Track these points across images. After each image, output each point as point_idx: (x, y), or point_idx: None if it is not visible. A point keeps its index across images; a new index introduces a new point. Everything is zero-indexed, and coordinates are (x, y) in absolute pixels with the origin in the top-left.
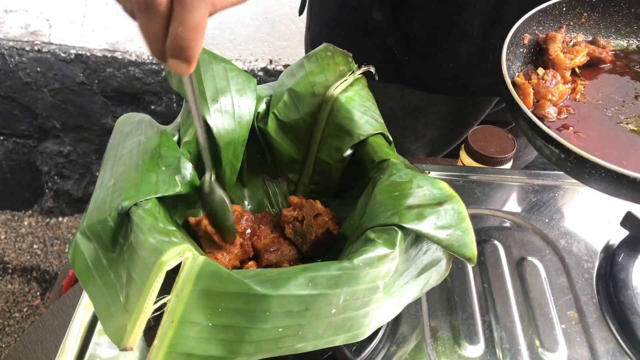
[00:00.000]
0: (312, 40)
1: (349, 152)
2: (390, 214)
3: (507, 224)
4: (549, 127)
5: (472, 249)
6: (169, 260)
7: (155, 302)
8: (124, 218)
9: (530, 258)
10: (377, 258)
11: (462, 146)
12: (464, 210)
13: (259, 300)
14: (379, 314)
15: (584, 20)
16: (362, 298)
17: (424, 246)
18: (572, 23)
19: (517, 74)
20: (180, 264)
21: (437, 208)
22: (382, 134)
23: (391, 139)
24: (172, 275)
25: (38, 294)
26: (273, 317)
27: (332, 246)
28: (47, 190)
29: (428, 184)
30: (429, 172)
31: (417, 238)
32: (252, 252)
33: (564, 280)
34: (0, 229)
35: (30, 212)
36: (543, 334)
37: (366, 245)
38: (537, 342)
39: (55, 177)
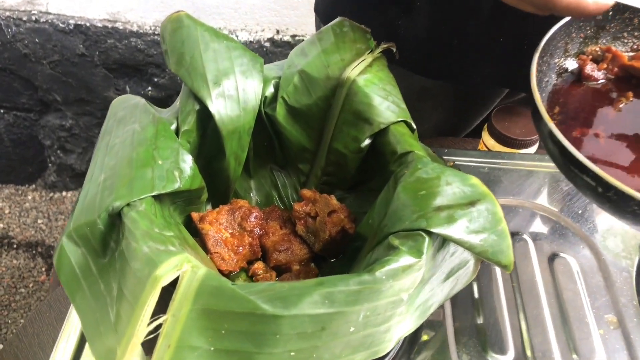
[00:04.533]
0: (322, 11)
1: (367, 142)
2: (416, 217)
3: (537, 216)
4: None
5: (509, 255)
6: (165, 275)
7: (150, 323)
8: (116, 219)
9: (562, 254)
10: (401, 269)
11: (485, 126)
12: (499, 211)
13: (268, 321)
14: (401, 327)
15: (635, 25)
16: (384, 313)
17: (451, 248)
18: (618, 28)
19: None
20: (178, 277)
21: (469, 209)
22: (405, 122)
23: (414, 127)
24: (171, 288)
25: (43, 269)
26: (284, 340)
27: (347, 245)
28: (50, 165)
29: (458, 181)
30: (452, 163)
31: (445, 240)
32: (260, 252)
33: (600, 280)
34: (4, 204)
35: (33, 186)
36: (579, 340)
37: (389, 253)
38: (572, 350)
39: (58, 151)
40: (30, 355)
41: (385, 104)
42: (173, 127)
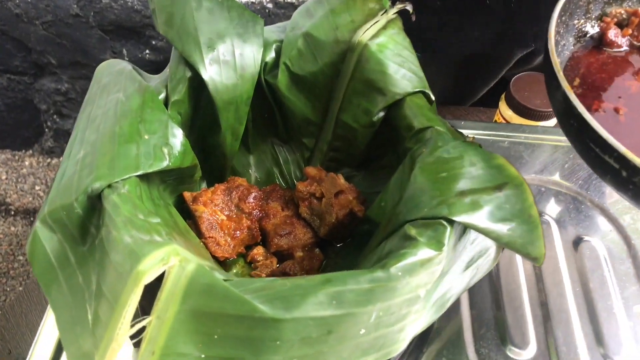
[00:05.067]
0: None
1: (380, 115)
2: (436, 203)
3: (561, 196)
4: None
5: (540, 247)
6: (148, 270)
7: (132, 325)
8: (96, 202)
9: (588, 238)
10: (419, 263)
11: (503, 95)
12: (529, 196)
13: (267, 325)
14: (416, 325)
15: None
16: (399, 312)
17: (472, 235)
18: None
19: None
20: (164, 273)
21: (495, 194)
22: (423, 92)
23: (433, 98)
24: (157, 283)
25: None
26: (286, 347)
27: (354, 229)
28: (46, 130)
29: (482, 161)
30: (473, 138)
31: (467, 227)
32: (260, 236)
33: (630, 267)
34: (1, 169)
35: (30, 152)
36: (606, 333)
37: (405, 245)
38: (599, 343)
39: (55, 116)
40: (18, 336)
41: (401, 71)
42: (162, 96)
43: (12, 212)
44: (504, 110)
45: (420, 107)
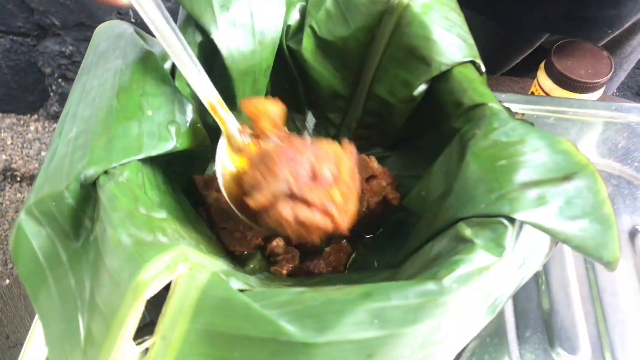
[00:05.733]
0: None
1: (421, 88)
2: (495, 198)
3: (614, 180)
4: None
5: (614, 250)
6: (151, 281)
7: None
8: (90, 190)
9: None
10: (476, 272)
11: (542, 64)
12: (602, 189)
13: (295, 350)
14: (465, 339)
15: None
16: (448, 328)
17: (525, 231)
18: None
19: None
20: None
21: (563, 185)
22: (473, 62)
23: (484, 69)
24: (164, 292)
25: None
26: None
27: (387, 218)
28: (51, 94)
29: (546, 146)
30: (522, 115)
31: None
32: None
33: None
34: (7, 134)
35: (36, 116)
36: None
37: (458, 248)
38: None
39: (59, 80)
40: (17, 320)
41: (449, 37)
42: (168, 65)
43: (18, 178)
44: (543, 80)
45: (471, 80)
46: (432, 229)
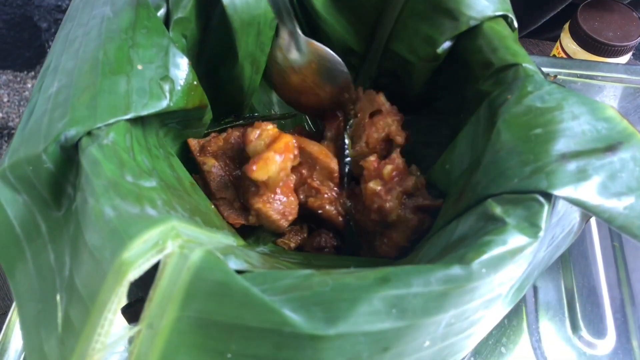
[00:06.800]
0: None
1: (446, 45)
2: (530, 172)
3: None
4: None
5: None
6: (136, 261)
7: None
8: (72, 153)
9: None
10: (508, 255)
11: (566, 26)
12: None
13: (302, 343)
14: (488, 326)
15: None
16: (473, 316)
17: (559, 207)
18: None
19: None
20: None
21: (607, 157)
22: (505, 17)
23: (516, 25)
24: (152, 272)
25: None
26: None
27: None
28: (48, 50)
29: (587, 113)
30: (554, 77)
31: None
32: None
33: None
34: (3, 91)
35: (32, 73)
36: None
37: (487, 229)
38: None
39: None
40: (7, 287)
41: None
42: (161, 13)
43: None
44: (567, 43)
45: (502, 37)
46: (458, 208)
